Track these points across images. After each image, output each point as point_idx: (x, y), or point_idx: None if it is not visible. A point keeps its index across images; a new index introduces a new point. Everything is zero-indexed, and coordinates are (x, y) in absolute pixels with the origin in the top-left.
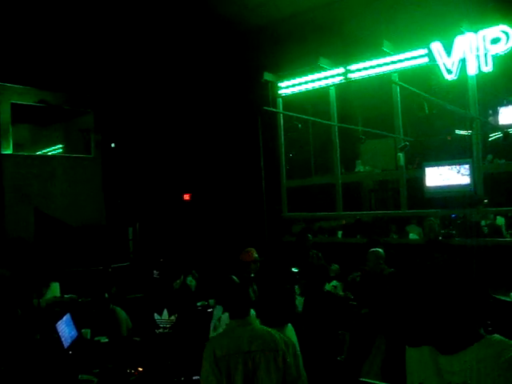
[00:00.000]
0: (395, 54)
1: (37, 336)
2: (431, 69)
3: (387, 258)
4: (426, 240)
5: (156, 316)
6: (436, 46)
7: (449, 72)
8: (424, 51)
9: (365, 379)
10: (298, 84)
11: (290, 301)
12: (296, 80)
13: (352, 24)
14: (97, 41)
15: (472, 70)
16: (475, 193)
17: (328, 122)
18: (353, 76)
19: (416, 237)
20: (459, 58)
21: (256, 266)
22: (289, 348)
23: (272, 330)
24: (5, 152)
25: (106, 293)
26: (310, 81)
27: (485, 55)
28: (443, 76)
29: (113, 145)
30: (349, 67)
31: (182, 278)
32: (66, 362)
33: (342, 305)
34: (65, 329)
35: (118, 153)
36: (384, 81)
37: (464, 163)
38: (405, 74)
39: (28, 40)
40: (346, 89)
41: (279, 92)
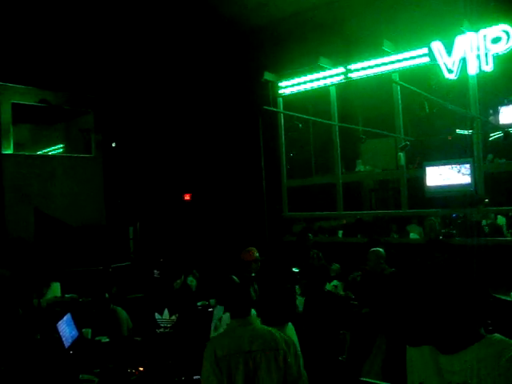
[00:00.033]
0: (396, 54)
1: (37, 336)
2: (432, 68)
3: (388, 258)
4: (427, 240)
5: (157, 316)
6: (436, 46)
7: (449, 71)
8: (424, 51)
9: (365, 379)
10: (299, 84)
11: (291, 300)
12: (296, 80)
13: (352, 23)
14: (98, 41)
15: (473, 70)
16: (476, 192)
17: (328, 122)
18: (353, 75)
19: (417, 236)
20: (460, 58)
21: (257, 266)
22: (290, 348)
23: (273, 330)
24: (5, 152)
25: (107, 293)
26: (311, 80)
27: (485, 55)
28: (444, 75)
29: (113, 144)
30: (349, 67)
31: (183, 278)
32: (67, 362)
33: (343, 304)
34: (65, 328)
35: (119, 153)
36: (384, 80)
37: (464, 163)
38: (405, 74)
39: (29, 40)
40: (347, 88)
41: (280, 92)
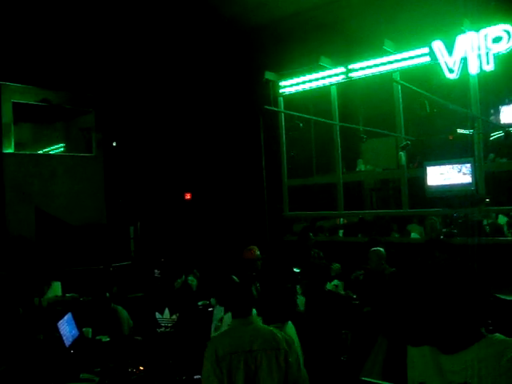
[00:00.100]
0: (397, 53)
1: (40, 336)
2: (432, 68)
3: (388, 258)
4: (427, 239)
5: (157, 315)
6: (437, 45)
7: (450, 71)
8: (425, 50)
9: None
10: (300, 83)
11: (291, 298)
12: (297, 79)
13: (353, 23)
14: (98, 40)
15: (473, 69)
16: (477, 192)
17: (329, 121)
18: (354, 75)
19: (417, 236)
20: (461, 57)
21: (258, 264)
22: (291, 347)
23: (274, 329)
24: (6, 151)
25: (108, 292)
26: (311, 80)
27: (486, 54)
28: (445, 75)
29: (114, 144)
30: (350, 66)
31: (184, 278)
32: (68, 361)
33: (344, 304)
34: (66, 328)
35: (120, 152)
36: (385, 80)
37: (465, 162)
38: (406, 73)
39: (30, 39)
40: (348, 88)
41: (280, 91)
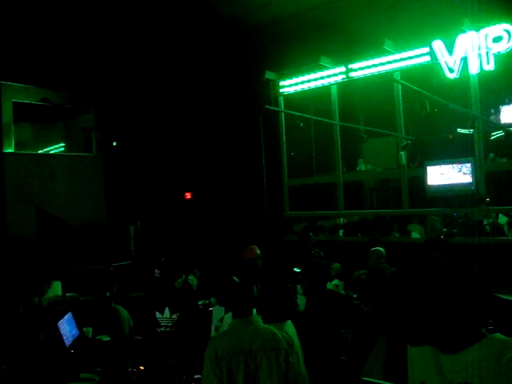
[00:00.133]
0: (397, 53)
1: (41, 336)
2: (433, 67)
3: (388, 257)
4: (427, 239)
5: (157, 315)
6: (438, 45)
7: (450, 71)
8: (426, 50)
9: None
10: (300, 83)
11: (290, 297)
12: (298, 79)
13: (353, 23)
14: (99, 40)
15: (474, 69)
16: (477, 191)
17: (330, 121)
18: (354, 75)
19: (418, 236)
20: (461, 57)
21: (259, 264)
22: (291, 347)
23: (275, 329)
24: (6, 151)
25: (108, 291)
26: (312, 79)
27: (487, 54)
28: (445, 74)
29: (114, 143)
30: (350, 66)
31: (184, 277)
32: (68, 361)
33: (344, 304)
34: (66, 327)
35: (120, 151)
36: (386, 79)
37: (466, 162)
38: (406, 73)
39: (30, 39)
40: (348, 88)
41: (281, 91)
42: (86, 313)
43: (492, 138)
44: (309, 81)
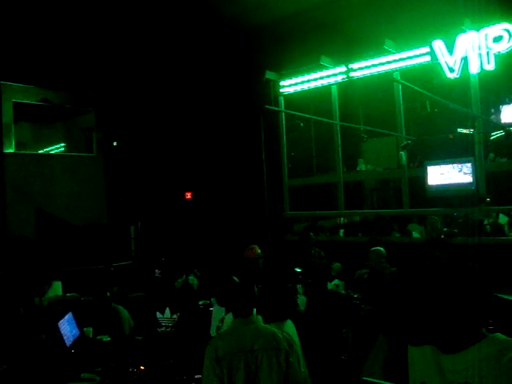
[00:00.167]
0: (397, 53)
1: (42, 336)
2: (433, 67)
3: (389, 257)
4: (428, 239)
5: (158, 315)
6: (438, 45)
7: (451, 70)
8: (426, 49)
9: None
10: (300, 83)
11: (290, 296)
12: (298, 79)
13: (353, 23)
14: (99, 40)
15: (474, 69)
16: (477, 191)
17: (330, 121)
18: (355, 74)
19: (418, 235)
20: (461, 57)
21: (260, 263)
22: (292, 347)
23: (275, 329)
24: (7, 151)
25: (108, 291)
26: (312, 79)
27: (487, 53)
28: (445, 74)
29: (115, 143)
30: (350, 66)
31: (184, 277)
32: (68, 361)
33: (345, 304)
34: (67, 327)
35: (120, 151)
36: (386, 79)
37: (466, 162)
38: (407, 73)
39: (30, 39)
40: (348, 87)
41: (281, 90)
42: (87, 313)
43: (492, 138)
44: (309, 81)
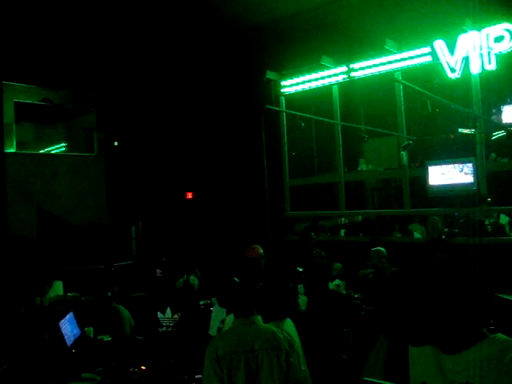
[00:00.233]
0: (398, 53)
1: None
2: (434, 67)
3: (389, 257)
4: (429, 239)
5: (159, 315)
6: (439, 45)
7: (452, 70)
8: (427, 50)
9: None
10: (301, 82)
11: (289, 295)
12: (299, 78)
13: (354, 23)
14: (100, 40)
15: (475, 69)
16: (478, 191)
17: (331, 121)
18: (356, 74)
19: (419, 236)
20: (462, 57)
21: (261, 263)
22: (292, 347)
23: (275, 329)
24: (8, 151)
25: (109, 291)
26: (313, 79)
27: (488, 54)
28: (446, 74)
29: (116, 143)
30: (352, 66)
31: (185, 277)
32: (69, 361)
33: (346, 304)
34: (68, 327)
35: (121, 151)
36: (387, 79)
37: (467, 162)
38: (408, 73)
39: (31, 39)
40: (349, 87)
41: (282, 90)
42: (88, 313)
43: (493, 138)
44: (310, 81)
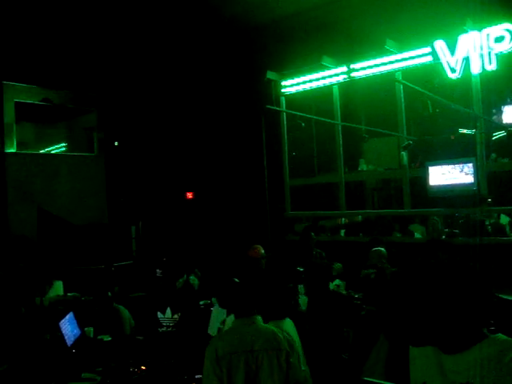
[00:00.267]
0: (399, 53)
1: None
2: (435, 67)
3: (389, 257)
4: (428, 239)
5: (159, 315)
6: (439, 45)
7: (452, 71)
8: (428, 50)
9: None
10: (302, 83)
11: (288, 294)
12: (299, 79)
13: (355, 22)
14: (101, 40)
15: (476, 69)
16: (479, 192)
17: (331, 121)
18: (356, 75)
19: (419, 236)
20: (463, 57)
21: (263, 263)
22: (292, 347)
23: (276, 329)
24: (8, 150)
25: (109, 291)
26: (314, 79)
27: (488, 54)
28: (447, 75)
29: (116, 143)
30: (352, 66)
31: (185, 277)
32: (69, 360)
33: (347, 304)
34: (68, 327)
35: (122, 151)
36: (387, 79)
37: (467, 162)
38: (408, 73)
39: (32, 39)
40: (350, 87)
41: (282, 90)
42: (88, 312)
43: (494, 138)
44: (310, 81)
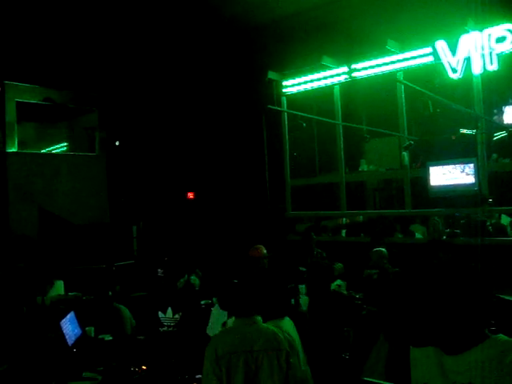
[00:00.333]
0: (400, 53)
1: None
2: (436, 67)
3: (390, 258)
4: (429, 239)
5: (160, 314)
6: (441, 45)
7: (453, 71)
8: (429, 50)
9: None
10: (303, 83)
11: (288, 293)
12: (300, 79)
13: (355, 22)
14: (102, 40)
15: (477, 69)
16: (480, 192)
17: (332, 121)
18: (357, 75)
19: (420, 236)
20: (464, 57)
21: (265, 263)
22: (292, 348)
23: (276, 330)
24: (10, 150)
25: (110, 291)
26: (315, 79)
27: (490, 54)
28: (448, 75)
29: (117, 143)
30: (353, 66)
31: (186, 277)
32: (70, 360)
33: (348, 304)
34: (69, 327)
35: (123, 151)
36: (388, 80)
37: (468, 162)
38: (409, 73)
39: (33, 38)
40: (351, 88)
41: (283, 91)
42: (89, 312)
43: (495, 139)
44: (311, 81)
